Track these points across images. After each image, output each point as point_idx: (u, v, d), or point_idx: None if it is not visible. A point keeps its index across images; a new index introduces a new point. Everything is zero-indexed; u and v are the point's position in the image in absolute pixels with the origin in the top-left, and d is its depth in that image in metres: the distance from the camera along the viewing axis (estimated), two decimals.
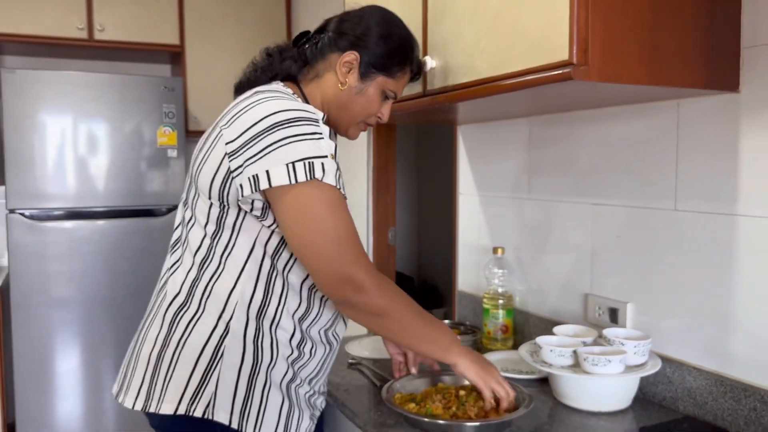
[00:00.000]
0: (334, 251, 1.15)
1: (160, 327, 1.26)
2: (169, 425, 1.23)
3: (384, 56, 1.30)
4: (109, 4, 3.21)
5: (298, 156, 1.12)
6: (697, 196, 1.39)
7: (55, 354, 2.96)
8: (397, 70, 1.33)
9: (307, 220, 1.14)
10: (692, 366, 1.40)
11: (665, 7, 1.17)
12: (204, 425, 1.19)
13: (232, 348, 1.21)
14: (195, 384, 1.20)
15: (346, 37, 1.30)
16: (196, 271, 1.25)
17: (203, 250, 1.25)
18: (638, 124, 1.52)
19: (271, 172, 1.12)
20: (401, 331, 1.26)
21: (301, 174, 1.12)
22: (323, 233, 1.15)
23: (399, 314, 1.23)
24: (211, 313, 1.22)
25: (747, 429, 1.28)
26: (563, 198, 1.76)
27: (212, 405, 1.19)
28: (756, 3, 1.26)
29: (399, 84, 1.36)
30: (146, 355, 1.26)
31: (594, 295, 1.65)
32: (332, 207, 1.15)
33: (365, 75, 1.30)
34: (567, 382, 1.39)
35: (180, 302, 1.25)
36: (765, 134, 1.26)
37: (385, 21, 1.33)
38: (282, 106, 1.17)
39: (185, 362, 1.21)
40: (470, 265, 2.17)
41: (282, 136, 1.13)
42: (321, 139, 1.16)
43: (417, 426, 1.30)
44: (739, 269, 1.32)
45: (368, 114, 1.35)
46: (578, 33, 1.08)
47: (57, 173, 2.92)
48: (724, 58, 1.27)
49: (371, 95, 1.32)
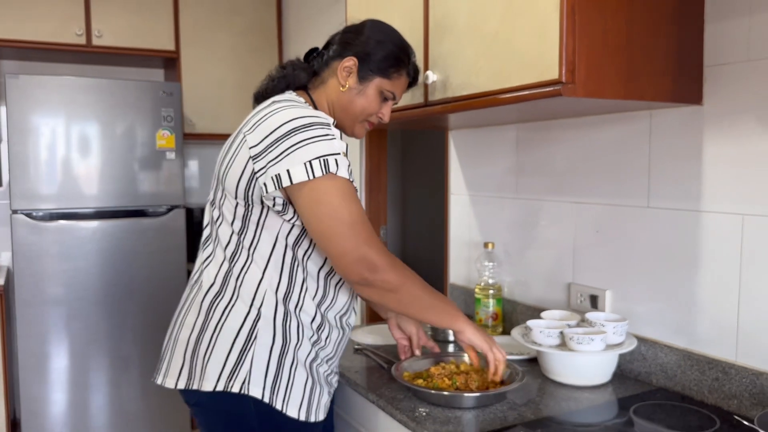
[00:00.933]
0: (349, 234, 1.29)
1: (197, 314, 1.40)
2: (208, 401, 1.37)
3: (379, 60, 1.45)
4: (107, 12, 3.32)
5: (315, 155, 1.28)
6: (666, 194, 1.58)
7: (58, 350, 3.06)
8: (392, 72, 1.46)
9: (324, 208, 1.29)
10: (664, 344, 1.59)
11: (639, 34, 1.36)
12: (240, 399, 1.34)
13: (264, 331, 1.36)
14: (232, 363, 1.34)
15: (348, 46, 1.46)
16: (227, 265, 1.40)
17: (232, 245, 1.39)
18: (615, 132, 1.71)
19: (292, 171, 1.27)
20: (413, 303, 1.39)
21: (317, 170, 1.27)
22: (339, 219, 1.28)
23: (411, 288, 1.36)
24: (244, 300, 1.37)
25: (711, 396, 1.48)
26: (547, 197, 1.94)
27: (248, 381, 1.34)
28: (715, 29, 1.45)
29: (396, 85, 1.49)
30: (185, 340, 1.41)
31: (576, 284, 1.84)
32: (345, 196, 1.30)
33: (363, 77, 1.45)
34: (555, 359, 1.58)
35: (215, 292, 1.39)
36: (725, 141, 1.45)
37: (381, 30, 1.49)
38: (298, 113, 1.32)
39: (223, 344, 1.35)
40: (461, 259, 2.35)
41: (300, 139, 1.28)
42: (334, 139, 1.31)
43: (425, 399, 1.47)
44: (703, 259, 1.51)
45: (369, 113, 1.49)
46: (566, 56, 1.26)
47: (59, 175, 3.03)
48: (690, 76, 1.46)
49: (370, 96, 1.46)
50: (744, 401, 1.41)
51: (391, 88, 1.48)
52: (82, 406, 3.12)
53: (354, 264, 1.29)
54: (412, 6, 1.71)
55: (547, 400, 1.49)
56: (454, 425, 1.34)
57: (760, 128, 1.38)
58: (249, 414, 1.36)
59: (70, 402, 3.09)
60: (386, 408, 1.47)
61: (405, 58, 1.49)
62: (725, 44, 1.43)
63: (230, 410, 1.36)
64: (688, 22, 1.44)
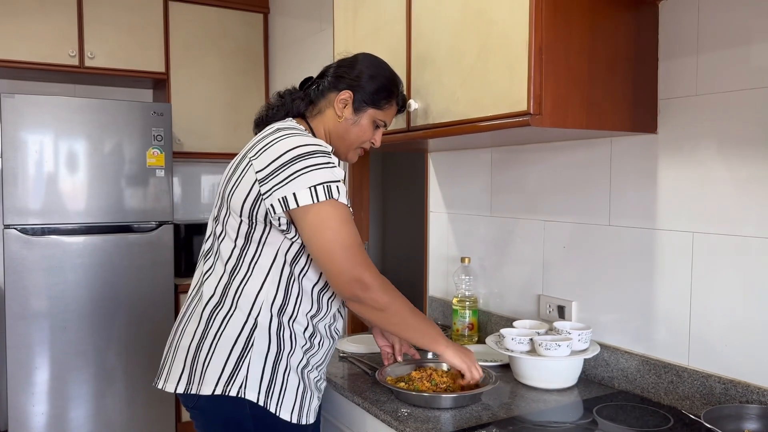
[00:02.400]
0: (347, 256, 1.42)
1: (197, 323, 1.51)
2: (206, 404, 1.47)
3: (373, 93, 1.58)
4: (99, 34, 3.44)
5: (318, 181, 1.40)
6: (626, 213, 1.74)
7: (46, 362, 3.12)
8: (384, 103, 1.61)
9: (326, 231, 1.41)
10: (624, 350, 1.74)
11: (599, 71, 1.52)
12: (237, 403, 1.45)
13: (260, 339, 1.47)
14: (230, 369, 1.45)
15: (342, 80, 1.59)
16: (227, 278, 1.51)
17: (233, 260, 1.51)
18: (579, 156, 1.86)
19: (298, 195, 1.39)
20: (400, 324, 1.52)
21: (321, 195, 1.40)
22: (338, 242, 1.41)
23: (398, 310, 1.49)
24: (242, 310, 1.48)
25: (666, 397, 1.62)
26: (519, 215, 2.09)
27: (244, 386, 1.44)
28: (668, 66, 1.62)
29: (387, 114, 1.63)
30: (185, 347, 1.51)
31: (545, 296, 1.98)
32: (344, 221, 1.43)
33: (358, 109, 1.59)
34: (525, 364, 1.71)
35: (215, 302, 1.50)
36: (677, 166, 1.61)
37: (373, 64, 1.62)
38: (301, 141, 1.45)
39: (222, 351, 1.46)
40: (440, 273, 2.48)
41: (304, 165, 1.41)
42: (335, 167, 1.45)
43: (406, 400, 1.59)
44: (659, 273, 1.66)
45: (362, 141, 1.63)
46: (534, 90, 1.41)
47: (51, 191, 3.11)
48: (645, 108, 1.62)
49: (364, 125, 1.61)
50: (696, 401, 1.55)
51: (383, 117, 1.62)
52: (68, 417, 3.18)
53: (349, 283, 1.42)
54: (396, 40, 1.86)
55: (518, 402, 1.62)
56: (434, 423, 1.46)
57: (707, 154, 1.54)
58: (245, 417, 1.46)
59: (57, 413, 3.15)
60: (371, 409, 1.59)
61: (395, 89, 1.63)
62: (676, 80, 1.60)
63: (227, 413, 1.47)
64: (643, 60, 1.61)
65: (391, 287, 1.49)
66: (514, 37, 1.44)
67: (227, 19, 3.82)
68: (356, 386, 1.73)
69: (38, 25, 3.31)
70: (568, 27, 1.45)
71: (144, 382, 3.35)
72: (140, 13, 3.56)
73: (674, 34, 1.60)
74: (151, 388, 3.36)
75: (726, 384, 1.49)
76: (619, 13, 1.56)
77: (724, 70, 1.50)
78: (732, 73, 1.48)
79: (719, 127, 1.51)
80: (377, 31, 1.94)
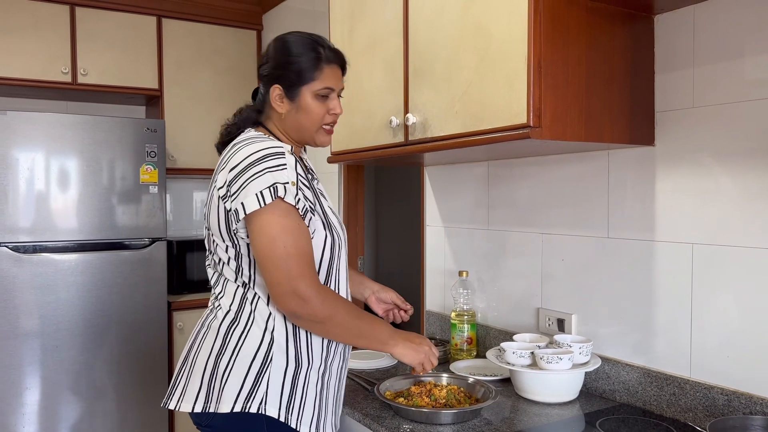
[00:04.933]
0: (282, 266, 1.37)
1: (214, 340, 1.48)
2: (222, 422, 1.44)
3: (295, 73, 1.49)
4: (92, 51, 3.43)
5: (265, 185, 1.37)
6: (624, 226, 1.75)
7: (36, 381, 3.07)
8: (311, 73, 1.50)
9: (263, 239, 1.38)
10: (625, 363, 1.74)
11: (597, 84, 1.53)
12: (253, 420, 1.42)
13: (278, 354, 1.44)
14: (249, 385, 1.42)
15: (266, 77, 1.55)
16: (240, 298, 1.48)
17: (241, 279, 1.48)
18: (576, 169, 1.87)
19: (245, 203, 1.38)
20: (343, 335, 1.47)
21: (267, 197, 1.36)
22: (274, 251, 1.37)
23: (339, 319, 1.42)
24: (258, 326, 1.45)
25: (669, 410, 1.62)
26: (516, 228, 2.09)
27: (264, 402, 1.42)
28: (664, 79, 1.64)
29: (326, 79, 1.51)
30: (202, 364, 1.48)
31: (544, 309, 1.98)
32: (285, 229, 1.38)
33: (292, 95, 1.51)
34: (527, 378, 1.70)
35: (230, 319, 1.47)
36: (674, 178, 1.62)
37: (280, 47, 1.53)
38: (252, 149, 1.41)
39: (240, 368, 1.43)
40: (437, 287, 2.48)
41: (252, 173, 1.38)
42: (284, 170, 1.40)
43: (406, 416, 1.58)
44: (659, 284, 1.66)
45: (317, 120, 1.53)
46: (533, 103, 1.42)
47: (44, 208, 3.08)
48: (642, 120, 1.63)
49: (308, 105, 1.51)
50: (698, 413, 1.55)
51: (323, 84, 1.51)
52: None
53: (284, 296, 1.38)
54: (393, 53, 1.86)
55: (520, 416, 1.62)
56: None
57: (705, 166, 1.55)
58: None
59: None
60: (372, 426, 1.58)
61: (314, 53, 1.51)
62: (673, 92, 1.61)
63: (243, 431, 1.44)
64: (640, 73, 1.62)
65: (330, 297, 1.44)
66: (512, 51, 1.45)
67: (220, 36, 3.82)
68: (356, 402, 1.72)
69: (31, 42, 3.30)
70: (566, 41, 1.46)
71: (136, 402, 3.30)
72: (133, 30, 3.55)
73: (670, 47, 1.62)
74: (144, 407, 3.31)
75: (729, 395, 1.49)
76: (615, 27, 1.57)
77: (720, 82, 1.51)
78: (728, 86, 1.50)
79: (716, 139, 1.53)
80: (374, 46, 1.94)
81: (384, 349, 1.52)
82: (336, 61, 1.55)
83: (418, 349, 1.54)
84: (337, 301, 1.44)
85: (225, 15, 3.81)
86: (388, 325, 1.55)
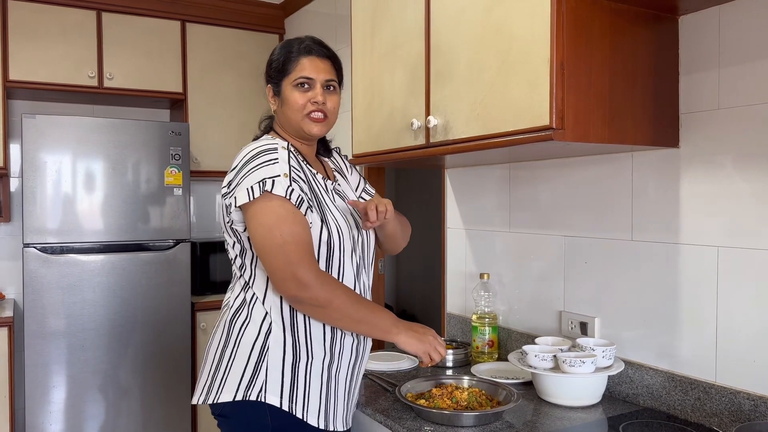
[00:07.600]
0: (280, 254, 1.40)
1: (221, 331, 1.55)
2: (230, 410, 1.49)
3: (273, 71, 1.62)
4: (118, 55, 3.49)
5: (255, 180, 1.44)
6: (648, 228, 1.73)
7: (63, 380, 3.13)
8: (287, 65, 1.59)
9: (259, 229, 1.43)
10: (649, 367, 1.72)
11: (621, 85, 1.52)
12: (260, 407, 1.45)
13: (275, 345, 1.48)
14: (249, 374, 1.47)
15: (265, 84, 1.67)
16: (243, 292, 1.55)
17: (245, 274, 1.55)
18: (599, 171, 1.86)
19: (238, 197, 1.44)
20: (344, 320, 1.47)
21: (257, 191, 1.42)
22: (271, 239, 1.41)
23: (340, 304, 1.43)
24: (257, 316, 1.50)
25: (693, 415, 1.60)
26: (538, 231, 2.08)
27: (264, 390, 1.45)
28: (689, 80, 1.62)
29: (299, 70, 1.57)
30: (212, 356, 1.56)
31: (567, 312, 1.96)
32: (279, 217, 1.42)
33: (277, 91, 1.62)
34: (549, 381, 1.69)
35: (234, 311, 1.54)
36: (699, 180, 1.61)
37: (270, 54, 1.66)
38: (248, 149, 1.53)
39: (241, 357, 1.48)
40: (458, 289, 2.47)
41: (247, 170, 1.47)
42: (275, 164, 1.47)
43: (428, 418, 1.58)
44: (683, 287, 1.65)
45: (299, 109, 1.57)
46: (556, 105, 1.41)
47: (70, 210, 3.14)
48: (667, 122, 1.62)
49: (288, 96, 1.59)
50: (724, 418, 1.53)
51: (296, 75, 1.58)
52: None
53: (284, 281, 1.41)
54: (415, 56, 1.87)
55: (542, 419, 1.60)
56: None
57: (730, 168, 1.54)
58: (266, 421, 1.46)
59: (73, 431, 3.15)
60: (393, 427, 1.58)
61: (290, 49, 1.60)
62: (698, 94, 1.60)
63: (249, 418, 1.48)
64: (664, 74, 1.61)
65: (330, 282, 1.45)
66: (535, 53, 1.45)
67: (243, 40, 3.86)
68: (377, 404, 1.72)
69: (59, 48, 3.37)
70: (589, 42, 1.46)
71: (160, 401, 3.34)
72: (158, 35, 3.60)
73: (695, 48, 1.60)
74: (168, 406, 3.36)
75: (755, 400, 1.47)
76: (639, 29, 1.56)
77: (746, 83, 1.49)
78: (754, 87, 1.48)
79: (743, 141, 1.51)
80: (395, 50, 1.95)
81: (387, 337, 1.52)
82: (315, 52, 1.60)
83: (422, 338, 1.54)
84: (338, 286, 1.46)
85: (248, 19, 3.85)
86: (391, 314, 1.56)
